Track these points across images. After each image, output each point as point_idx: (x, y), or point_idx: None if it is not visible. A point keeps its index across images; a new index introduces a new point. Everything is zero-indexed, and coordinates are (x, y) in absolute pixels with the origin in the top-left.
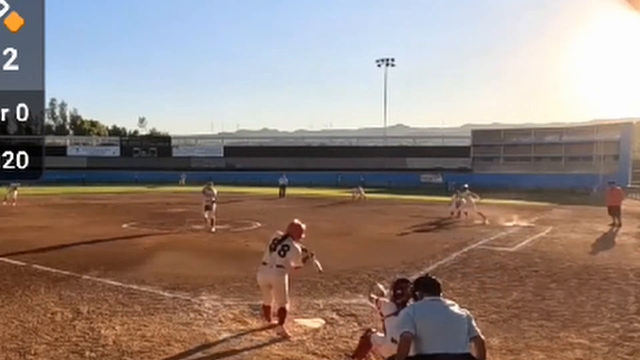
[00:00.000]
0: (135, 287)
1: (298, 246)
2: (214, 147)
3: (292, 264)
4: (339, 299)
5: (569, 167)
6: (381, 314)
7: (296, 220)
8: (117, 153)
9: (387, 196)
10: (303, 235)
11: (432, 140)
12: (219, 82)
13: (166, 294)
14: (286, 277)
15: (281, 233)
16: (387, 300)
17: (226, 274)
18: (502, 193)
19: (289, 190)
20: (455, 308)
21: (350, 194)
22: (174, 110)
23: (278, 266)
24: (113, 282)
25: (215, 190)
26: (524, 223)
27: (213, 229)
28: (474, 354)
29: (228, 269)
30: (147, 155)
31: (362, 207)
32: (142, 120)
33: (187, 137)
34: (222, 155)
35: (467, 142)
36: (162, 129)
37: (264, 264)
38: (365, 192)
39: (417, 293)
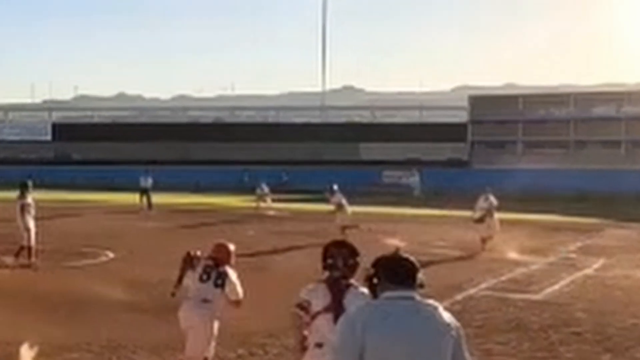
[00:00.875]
0: None
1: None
2: (37, 124)
3: (233, 297)
4: None
5: (634, 158)
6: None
7: (222, 241)
8: None
9: (327, 207)
10: (233, 261)
11: (404, 112)
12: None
13: None
14: (216, 320)
15: (200, 256)
16: (310, 286)
17: (58, 338)
18: (521, 202)
19: (160, 198)
20: (439, 316)
21: (254, 203)
22: None
23: (205, 301)
24: None
25: (31, 197)
26: (557, 253)
27: (33, 260)
28: None
29: (60, 329)
30: None
31: (275, 225)
32: None
33: None
34: (49, 138)
35: (462, 117)
36: None
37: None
38: (289, 200)
39: (375, 281)
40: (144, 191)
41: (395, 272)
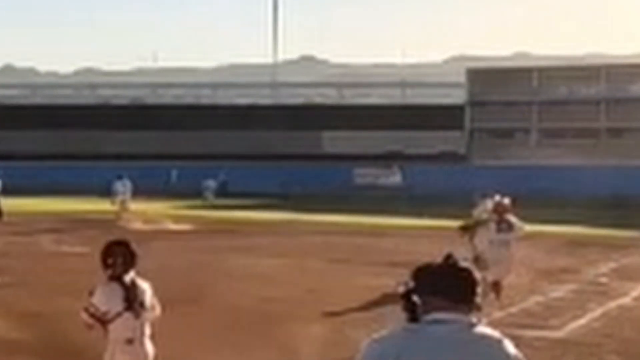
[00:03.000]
0: None
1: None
2: None
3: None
4: None
5: None
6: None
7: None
8: None
9: (279, 216)
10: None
11: (381, 91)
12: None
13: None
14: None
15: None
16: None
17: None
18: (536, 209)
19: (58, 204)
20: (503, 352)
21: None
22: None
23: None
24: None
25: None
26: (585, 276)
27: None
28: None
29: None
30: None
31: (223, 240)
32: None
33: None
34: None
35: (458, 97)
36: None
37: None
38: (226, 207)
39: (416, 298)
40: None
41: (449, 286)
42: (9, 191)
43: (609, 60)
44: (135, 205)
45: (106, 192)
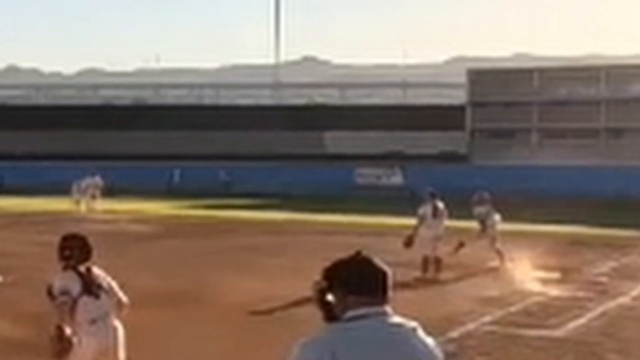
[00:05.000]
0: None
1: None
2: None
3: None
4: None
5: None
6: (71, 298)
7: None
8: None
9: (282, 216)
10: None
11: (382, 91)
12: None
13: None
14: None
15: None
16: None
17: None
18: (536, 208)
19: (60, 204)
20: (421, 340)
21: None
22: None
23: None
24: None
25: None
26: (584, 275)
27: None
28: None
29: None
30: None
31: (222, 240)
32: None
33: None
34: None
35: (459, 97)
36: None
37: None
38: (229, 205)
39: (331, 296)
40: None
41: (364, 281)
42: (11, 190)
43: (609, 61)
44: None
45: (109, 191)
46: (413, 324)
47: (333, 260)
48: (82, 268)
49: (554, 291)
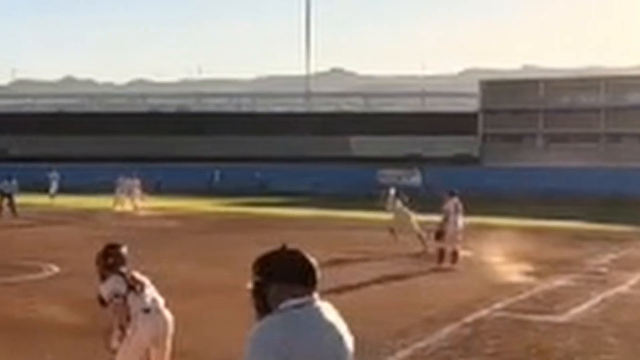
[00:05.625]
0: None
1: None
2: None
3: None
4: None
5: None
6: (122, 297)
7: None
8: None
9: (310, 212)
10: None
11: (402, 100)
12: None
13: None
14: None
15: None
16: (105, 284)
17: None
18: (543, 206)
19: (100, 202)
20: (338, 319)
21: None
22: None
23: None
24: None
25: None
26: (586, 266)
27: None
28: None
29: None
30: None
31: (258, 234)
32: None
33: None
34: None
35: (472, 105)
36: None
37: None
38: (263, 203)
39: (267, 287)
40: (7, 196)
41: (297, 272)
42: (68, 190)
43: (608, 73)
44: (183, 203)
45: (156, 190)
46: (329, 307)
47: (262, 255)
48: (123, 269)
49: (559, 280)
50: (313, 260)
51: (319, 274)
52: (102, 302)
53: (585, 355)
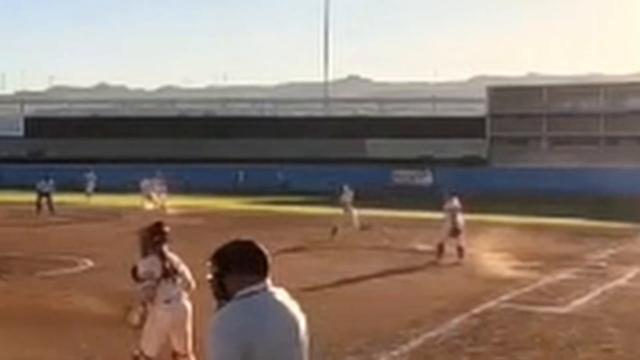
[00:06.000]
0: None
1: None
2: (7, 118)
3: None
4: None
5: None
6: (155, 281)
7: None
8: None
9: (328, 211)
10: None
11: (415, 105)
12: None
13: None
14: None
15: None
16: (142, 262)
17: (31, 356)
18: (546, 204)
19: (131, 200)
20: (292, 303)
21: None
22: None
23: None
24: None
25: None
26: (586, 261)
27: None
28: None
29: (35, 345)
30: None
31: (279, 231)
32: None
33: None
34: (21, 133)
35: (480, 110)
36: None
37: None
38: (284, 202)
39: (222, 275)
40: (45, 195)
41: (253, 262)
42: (102, 190)
43: (607, 80)
44: (209, 201)
45: (184, 191)
46: (284, 293)
47: (219, 248)
48: (164, 248)
49: (561, 274)
50: (265, 250)
51: (270, 262)
52: (135, 276)
53: (586, 344)
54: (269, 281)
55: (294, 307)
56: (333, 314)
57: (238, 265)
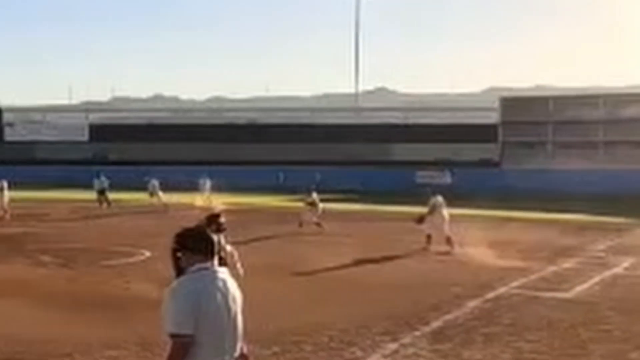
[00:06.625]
0: None
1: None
2: (74, 125)
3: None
4: None
5: None
6: None
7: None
8: None
9: (359, 207)
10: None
11: (435, 114)
12: (80, 19)
13: None
14: None
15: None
16: None
17: (94, 337)
18: (551, 202)
19: (182, 198)
20: (232, 281)
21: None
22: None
23: None
24: None
25: None
26: (587, 252)
27: None
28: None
29: (98, 327)
30: None
31: (313, 226)
32: None
33: (29, 110)
34: (86, 138)
35: (493, 118)
36: None
37: None
38: (321, 199)
39: (181, 254)
40: (101, 192)
41: (203, 245)
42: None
43: (606, 91)
44: (253, 199)
45: (232, 189)
46: (225, 271)
47: (179, 231)
48: (220, 237)
49: (565, 263)
50: (213, 237)
51: (217, 247)
52: None
53: (587, 326)
54: (215, 262)
55: (232, 283)
56: (363, 299)
57: (191, 246)
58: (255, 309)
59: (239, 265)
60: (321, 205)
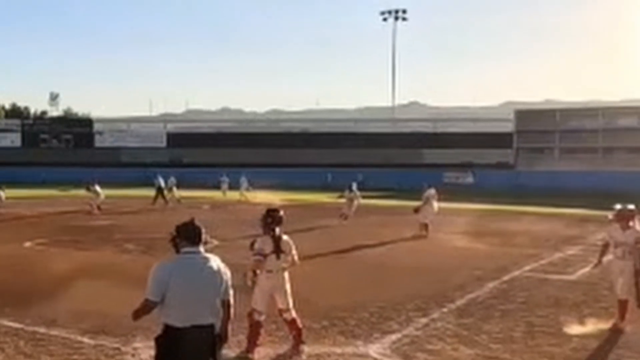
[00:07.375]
0: (42, 330)
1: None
2: (154, 133)
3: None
4: (328, 348)
5: None
6: (262, 256)
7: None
8: (18, 142)
9: (394, 203)
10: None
11: (460, 124)
12: (159, 43)
13: (86, 339)
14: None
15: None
16: (259, 240)
17: None
18: (558, 198)
19: (253, 195)
20: (215, 264)
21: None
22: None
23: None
24: (11, 324)
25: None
26: (588, 240)
27: None
28: (218, 320)
29: None
30: (59, 146)
31: (357, 218)
32: (54, 97)
33: (115, 120)
34: (164, 145)
35: (509, 127)
36: (81, 108)
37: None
38: (363, 196)
39: (177, 240)
40: (160, 190)
41: (191, 233)
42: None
43: (604, 104)
44: (304, 196)
45: (285, 187)
46: (213, 256)
47: (179, 223)
48: (277, 231)
49: (569, 250)
50: (200, 229)
51: (204, 236)
52: (252, 249)
53: (588, 303)
54: (201, 248)
55: (217, 264)
56: (397, 280)
57: (184, 234)
58: (308, 289)
59: (294, 252)
60: (356, 202)
